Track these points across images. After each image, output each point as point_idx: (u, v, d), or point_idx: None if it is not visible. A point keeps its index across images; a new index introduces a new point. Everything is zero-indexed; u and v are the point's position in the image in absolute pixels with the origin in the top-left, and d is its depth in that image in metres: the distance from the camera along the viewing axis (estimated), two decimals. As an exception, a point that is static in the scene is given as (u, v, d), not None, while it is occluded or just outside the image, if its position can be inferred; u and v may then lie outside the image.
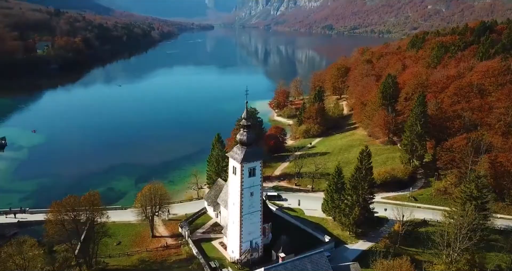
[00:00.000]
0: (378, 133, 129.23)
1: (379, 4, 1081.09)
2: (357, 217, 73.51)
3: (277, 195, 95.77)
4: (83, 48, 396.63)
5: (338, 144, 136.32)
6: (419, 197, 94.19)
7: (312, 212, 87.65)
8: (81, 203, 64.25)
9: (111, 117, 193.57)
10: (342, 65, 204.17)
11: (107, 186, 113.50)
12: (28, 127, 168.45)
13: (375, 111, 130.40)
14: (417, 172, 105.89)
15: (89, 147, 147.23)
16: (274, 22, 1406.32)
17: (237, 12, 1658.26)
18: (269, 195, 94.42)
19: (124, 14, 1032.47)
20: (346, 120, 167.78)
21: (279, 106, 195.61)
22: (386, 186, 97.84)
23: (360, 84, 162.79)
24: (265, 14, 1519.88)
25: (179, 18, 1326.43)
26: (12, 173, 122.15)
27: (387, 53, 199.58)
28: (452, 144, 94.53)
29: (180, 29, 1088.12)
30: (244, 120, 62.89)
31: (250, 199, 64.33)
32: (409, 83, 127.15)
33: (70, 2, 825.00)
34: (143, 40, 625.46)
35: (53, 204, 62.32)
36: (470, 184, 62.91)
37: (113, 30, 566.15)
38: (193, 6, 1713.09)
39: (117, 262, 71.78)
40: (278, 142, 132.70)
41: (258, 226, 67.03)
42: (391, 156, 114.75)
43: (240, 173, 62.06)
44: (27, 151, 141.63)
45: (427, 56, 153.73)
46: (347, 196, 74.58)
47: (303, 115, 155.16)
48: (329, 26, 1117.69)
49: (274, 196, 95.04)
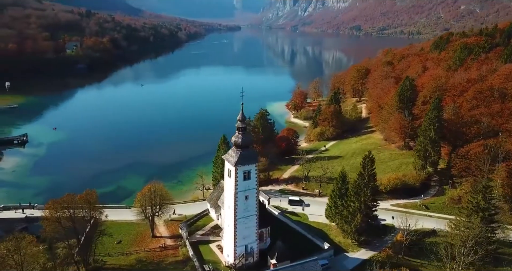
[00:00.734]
0: (394, 138, 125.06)
1: (410, 4, 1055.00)
2: (359, 225, 70.90)
3: (299, 200, 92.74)
4: (111, 48, 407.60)
5: (352, 148, 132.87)
6: (431, 205, 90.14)
7: (317, 218, 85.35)
8: (77, 201, 64.82)
9: (130, 117, 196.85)
10: (362, 66, 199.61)
11: (117, 184, 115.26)
12: (51, 125, 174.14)
13: (391, 114, 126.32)
14: (431, 179, 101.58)
15: (105, 145, 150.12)
16: (301, 23, 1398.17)
17: (265, 13, 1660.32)
18: (291, 199, 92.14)
19: (153, 15, 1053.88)
20: (364, 124, 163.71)
21: (296, 108, 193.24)
22: (396, 193, 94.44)
23: (379, 86, 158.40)
24: (292, 15, 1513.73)
25: (207, 19, 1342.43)
26: (30, 168, 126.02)
27: (409, 54, 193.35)
28: (468, 150, 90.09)
29: (207, 30, 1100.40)
30: (239, 123, 61.76)
31: (245, 203, 63.10)
32: (428, 86, 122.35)
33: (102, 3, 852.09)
34: (169, 41, 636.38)
35: (50, 202, 63.20)
36: (477, 194, 59.20)
37: (141, 30, 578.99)
38: (221, 7, 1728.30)
39: (115, 261, 72.22)
40: (290, 144, 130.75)
41: (253, 230, 65.68)
42: (406, 161, 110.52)
43: (235, 176, 60.97)
44: (46, 148, 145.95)
45: (449, 58, 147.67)
46: (350, 202, 72.05)
47: (319, 117, 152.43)
48: (357, 27, 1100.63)
49: (296, 201, 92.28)
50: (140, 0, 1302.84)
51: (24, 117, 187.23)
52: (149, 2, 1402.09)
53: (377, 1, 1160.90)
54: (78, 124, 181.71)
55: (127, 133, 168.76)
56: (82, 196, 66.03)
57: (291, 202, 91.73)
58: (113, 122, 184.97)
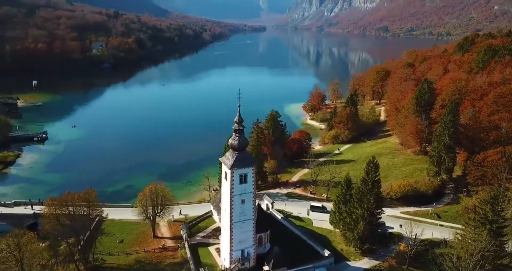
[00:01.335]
0: (410, 142, 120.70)
1: (440, 4, 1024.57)
2: (362, 232, 68.33)
3: (321, 206, 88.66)
4: (136, 48, 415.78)
5: (366, 152, 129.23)
6: (443, 214, 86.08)
7: (321, 223, 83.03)
8: (76, 200, 65.34)
9: (147, 116, 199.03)
10: (382, 68, 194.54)
11: (127, 183, 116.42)
12: (71, 123, 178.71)
13: (407, 118, 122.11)
14: (446, 187, 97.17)
15: (120, 144, 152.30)
16: (327, 23, 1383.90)
17: (290, 14, 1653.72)
18: (312, 205, 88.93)
19: (180, 16, 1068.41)
20: (381, 127, 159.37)
21: (313, 110, 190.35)
22: (406, 200, 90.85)
23: (397, 89, 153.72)
24: (318, 15, 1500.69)
25: (233, 20, 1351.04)
26: (46, 165, 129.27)
27: (431, 56, 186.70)
28: (485, 157, 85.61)
29: (232, 30, 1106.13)
30: (236, 125, 60.59)
31: (242, 207, 61.90)
32: (447, 89, 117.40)
33: (131, 5, 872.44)
34: (194, 41, 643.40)
35: (48, 200, 64.02)
36: (486, 205, 55.67)
37: (166, 31, 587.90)
38: (248, 8, 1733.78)
39: (115, 260, 72.53)
40: (302, 146, 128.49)
41: (250, 235, 64.35)
42: (420, 167, 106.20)
43: (231, 179, 59.89)
44: (63, 145, 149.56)
45: (473, 60, 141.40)
46: (353, 209, 69.59)
47: (334, 120, 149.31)
48: (384, 28, 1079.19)
49: (318, 207, 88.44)
50: (169, 1, 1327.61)
51: (46, 115, 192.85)
52: (177, 3, 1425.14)
53: (406, 2, 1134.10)
54: (96, 123, 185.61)
55: (142, 132, 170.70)
56: (81, 195, 66.50)
57: (313, 208, 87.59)
58: (131, 121, 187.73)
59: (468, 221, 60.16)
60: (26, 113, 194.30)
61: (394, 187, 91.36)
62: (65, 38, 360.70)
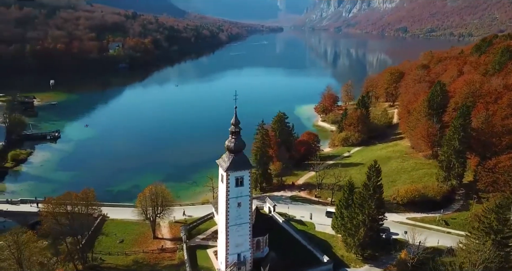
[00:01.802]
0: (421, 146, 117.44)
1: (462, 5, 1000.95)
2: (362, 239, 66.41)
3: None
4: (152, 48, 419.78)
5: (375, 155, 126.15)
6: (452, 221, 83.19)
7: (324, 228, 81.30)
8: (74, 199, 65.52)
9: (158, 116, 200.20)
10: (396, 69, 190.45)
11: (134, 182, 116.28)
12: (85, 122, 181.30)
13: (419, 121, 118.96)
14: (457, 192, 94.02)
15: (130, 143, 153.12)
16: (345, 24, 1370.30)
17: (308, 14, 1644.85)
18: (328, 211, 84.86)
19: (198, 17, 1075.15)
20: (394, 130, 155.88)
21: (324, 111, 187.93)
22: (414, 205, 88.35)
23: (411, 91, 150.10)
24: (336, 16, 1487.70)
25: (251, 21, 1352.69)
26: (56, 163, 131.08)
27: (447, 58, 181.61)
28: (496, 163, 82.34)
29: (249, 31, 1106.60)
30: (232, 127, 59.60)
31: (238, 210, 60.91)
32: (460, 91, 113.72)
33: (150, 6, 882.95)
34: (210, 42, 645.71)
35: (46, 199, 64.41)
36: (490, 214, 53.10)
37: (183, 31, 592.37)
38: (266, 9, 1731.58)
39: (113, 261, 72.57)
40: (310, 148, 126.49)
41: (246, 238, 63.28)
42: (430, 172, 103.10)
43: (226, 182, 59.00)
44: (74, 144, 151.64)
45: (489, 62, 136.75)
46: (354, 214, 67.73)
47: (344, 122, 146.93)
48: (403, 29, 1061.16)
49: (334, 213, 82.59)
50: (188, 2, 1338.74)
51: (61, 114, 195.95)
52: (196, 4, 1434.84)
53: (426, 2, 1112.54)
54: (109, 122, 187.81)
55: (152, 132, 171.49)
56: (78, 195, 66.69)
57: (328, 214, 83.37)
58: (142, 121, 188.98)
59: (472, 229, 57.55)
60: (42, 112, 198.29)
61: (401, 192, 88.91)
62: (83, 39, 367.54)
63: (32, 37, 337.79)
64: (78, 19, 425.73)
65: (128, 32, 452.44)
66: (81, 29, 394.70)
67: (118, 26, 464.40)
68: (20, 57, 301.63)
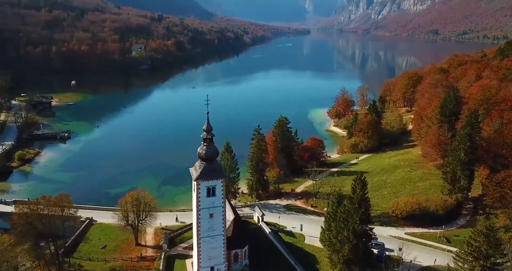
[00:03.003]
0: (431, 155, 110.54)
1: (497, 6, 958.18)
2: (347, 255, 61.71)
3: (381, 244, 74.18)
4: (174, 50, 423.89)
5: (383, 163, 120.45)
6: (454, 239, 76.77)
7: (314, 240, 76.74)
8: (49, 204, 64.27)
9: (171, 118, 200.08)
10: (415, 73, 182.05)
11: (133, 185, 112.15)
12: (97, 123, 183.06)
13: (430, 128, 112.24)
14: (464, 207, 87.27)
15: (138, 146, 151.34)
16: (374, 26, 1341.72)
17: (336, 16, 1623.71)
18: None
19: (225, 19, 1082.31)
20: (408, 137, 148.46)
21: (338, 116, 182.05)
22: (414, 220, 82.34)
23: (426, 96, 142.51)
24: (365, 18, 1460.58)
25: (279, 23, 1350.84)
26: (60, 164, 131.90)
27: (467, 61, 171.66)
28: (506, 176, 75.38)
29: (275, 33, 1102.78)
30: (204, 133, 56.65)
31: (210, 221, 57.82)
32: (474, 98, 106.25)
33: (178, 8, 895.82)
34: (234, 44, 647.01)
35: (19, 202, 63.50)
36: (480, 237, 47.47)
37: (207, 34, 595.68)
38: (294, 11, 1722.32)
39: (91, 267, 70.91)
40: (314, 154, 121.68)
41: (220, 251, 60.02)
42: (438, 183, 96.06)
43: (197, 191, 56.04)
44: (82, 145, 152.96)
45: (511, 66, 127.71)
46: (339, 229, 63.16)
47: (354, 127, 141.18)
48: (434, 31, 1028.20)
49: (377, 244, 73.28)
50: (216, 4, 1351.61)
51: (76, 114, 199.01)
52: (224, 6, 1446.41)
53: (459, 3, 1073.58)
54: (121, 124, 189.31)
55: (162, 134, 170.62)
56: (51, 199, 65.35)
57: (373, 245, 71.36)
58: (154, 123, 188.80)
59: (460, 253, 51.91)
60: (59, 112, 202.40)
61: (400, 205, 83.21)
62: (107, 40, 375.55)
63: (59, 39, 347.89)
64: (104, 21, 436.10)
65: (152, 34, 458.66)
66: (106, 31, 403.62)
67: (143, 28, 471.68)
68: (47, 58, 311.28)
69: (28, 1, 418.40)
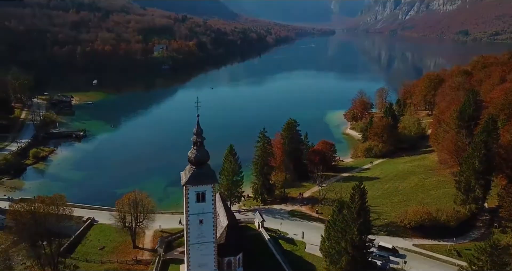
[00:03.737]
0: (448, 161, 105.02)
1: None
2: (344, 267, 58.53)
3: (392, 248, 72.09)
4: (195, 51, 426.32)
5: (397, 169, 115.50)
6: (465, 252, 71.73)
7: (315, 249, 73.69)
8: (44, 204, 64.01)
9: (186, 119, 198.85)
10: (436, 75, 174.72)
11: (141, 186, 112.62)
12: (114, 122, 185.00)
13: (447, 133, 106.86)
14: (479, 218, 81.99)
15: (150, 146, 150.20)
16: (401, 27, 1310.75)
17: (362, 17, 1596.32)
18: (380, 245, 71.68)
19: (249, 20, 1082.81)
20: (426, 142, 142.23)
21: (354, 118, 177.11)
22: (425, 231, 77.82)
23: (447, 99, 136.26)
24: (392, 18, 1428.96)
25: (304, 23, 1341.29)
26: (73, 163, 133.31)
27: (493, 63, 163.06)
28: (522, 188, 70.16)
29: (299, 34, 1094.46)
30: (194, 137, 54.84)
31: (199, 228, 55.92)
32: (495, 102, 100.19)
33: (203, 9, 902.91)
34: (257, 45, 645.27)
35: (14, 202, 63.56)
36: (482, 255, 43.45)
37: (230, 34, 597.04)
38: (319, 11, 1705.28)
39: (86, 268, 70.42)
40: (324, 158, 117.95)
41: (211, 259, 58.01)
42: (453, 191, 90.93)
43: (186, 197, 54.27)
44: (97, 144, 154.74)
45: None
46: (337, 239, 60.04)
47: (369, 131, 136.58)
48: (464, 32, 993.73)
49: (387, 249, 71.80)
50: (241, 5, 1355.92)
51: (95, 113, 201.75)
52: (248, 7, 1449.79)
53: (492, 3, 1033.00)
54: (137, 123, 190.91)
55: (178, 135, 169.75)
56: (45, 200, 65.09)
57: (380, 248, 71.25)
58: (169, 123, 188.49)
59: None
60: (79, 111, 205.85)
61: (409, 214, 78.93)
62: (131, 41, 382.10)
63: (84, 39, 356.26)
64: (128, 22, 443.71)
65: (175, 34, 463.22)
66: (129, 32, 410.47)
67: (166, 28, 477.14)
68: (72, 58, 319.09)
69: (57, 2, 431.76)
